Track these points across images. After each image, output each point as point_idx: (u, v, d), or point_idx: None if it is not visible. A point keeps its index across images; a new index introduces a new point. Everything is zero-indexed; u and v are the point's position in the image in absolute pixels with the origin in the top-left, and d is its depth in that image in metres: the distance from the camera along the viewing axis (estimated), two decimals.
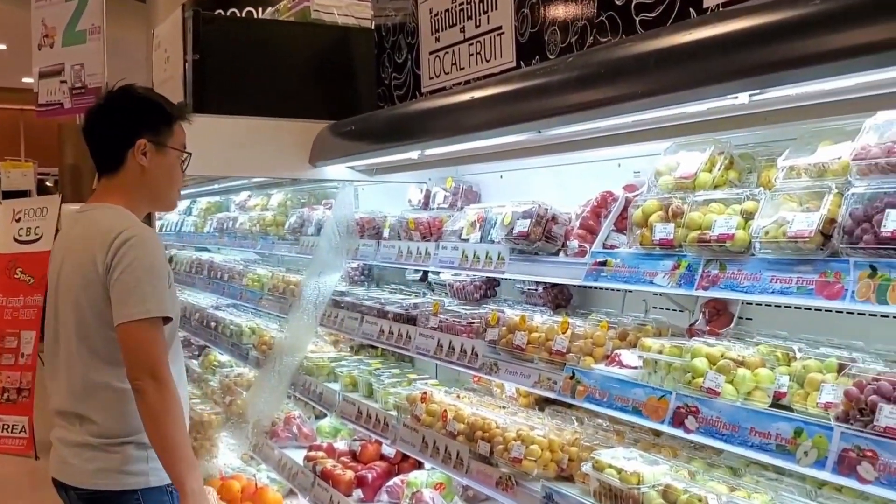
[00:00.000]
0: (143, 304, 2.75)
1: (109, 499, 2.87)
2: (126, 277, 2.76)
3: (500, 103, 2.98)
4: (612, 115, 2.68)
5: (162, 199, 3.11)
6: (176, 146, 3.02)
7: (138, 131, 2.95)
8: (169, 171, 3.02)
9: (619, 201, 3.11)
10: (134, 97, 3.03)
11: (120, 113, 3.00)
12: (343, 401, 4.49)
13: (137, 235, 2.81)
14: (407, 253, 4.18)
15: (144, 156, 2.95)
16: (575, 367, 2.91)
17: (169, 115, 3.02)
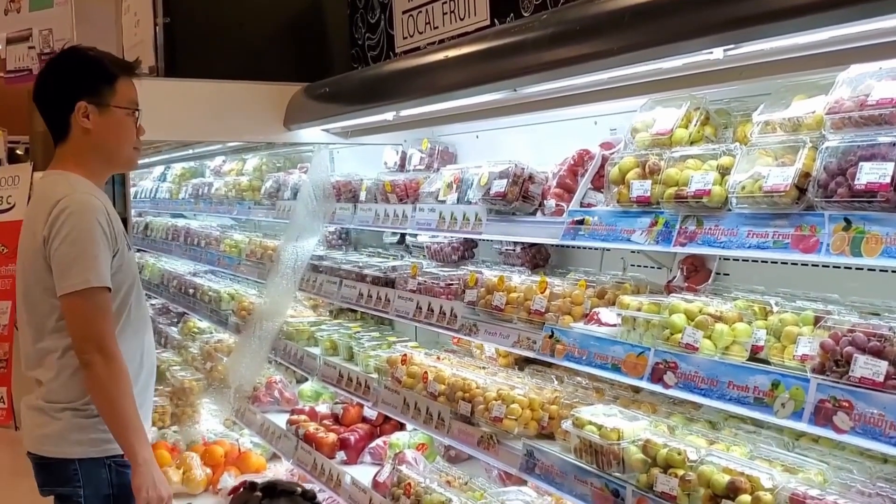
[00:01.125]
0: (82, 274, 2.72)
1: (50, 466, 2.90)
2: (64, 248, 2.74)
3: (474, 62, 2.96)
4: (588, 72, 2.67)
5: (116, 159, 3.03)
6: (121, 104, 2.94)
7: (77, 94, 2.88)
8: (116, 131, 2.94)
9: (596, 159, 3.10)
10: (69, 60, 2.97)
11: (57, 78, 2.94)
12: (324, 365, 4.49)
13: (74, 205, 2.76)
14: (384, 216, 4.16)
15: (87, 118, 2.89)
16: (554, 327, 2.92)
17: (109, 73, 2.93)
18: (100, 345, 2.74)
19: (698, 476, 2.28)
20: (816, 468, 2.26)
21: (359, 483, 3.93)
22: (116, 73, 2.94)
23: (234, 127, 4.51)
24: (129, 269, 2.93)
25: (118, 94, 2.94)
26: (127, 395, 2.77)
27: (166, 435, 5.57)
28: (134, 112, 2.97)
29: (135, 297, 2.97)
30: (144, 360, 3.01)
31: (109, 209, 2.90)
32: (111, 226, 2.83)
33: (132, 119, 2.97)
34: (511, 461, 3.01)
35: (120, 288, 2.88)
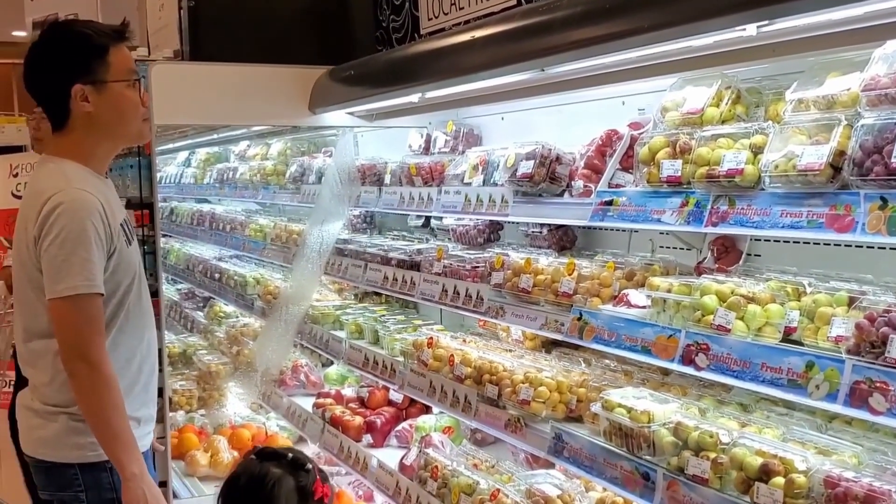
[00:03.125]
0: (70, 279, 2.55)
1: (48, 470, 2.77)
2: (53, 250, 2.56)
3: (502, 42, 2.93)
4: (618, 51, 2.62)
5: (124, 136, 2.84)
6: (119, 77, 2.70)
7: (69, 78, 2.67)
8: (120, 107, 2.73)
9: (625, 139, 3.07)
10: (54, 41, 2.73)
11: (45, 64, 2.71)
12: (350, 348, 4.49)
13: (66, 202, 2.58)
14: (409, 199, 4.15)
15: (87, 101, 2.68)
16: (582, 309, 2.90)
17: (98, 46, 2.68)
18: (85, 354, 2.57)
19: (730, 458, 2.25)
20: (851, 450, 2.23)
21: (385, 466, 3.93)
22: (106, 43, 2.69)
23: (259, 111, 4.50)
24: (127, 267, 2.75)
25: (113, 66, 2.70)
26: (114, 406, 2.61)
27: (194, 419, 5.60)
28: (135, 81, 2.75)
29: (134, 294, 2.79)
30: (147, 357, 2.88)
31: (108, 203, 2.71)
32: (107, 224, 2.64)
33: (134, 89, 2.75)
34: (539, 444, 3.00)
35: (118, 287, 2.72)
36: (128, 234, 2.78)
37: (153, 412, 2.96)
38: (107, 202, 2.69)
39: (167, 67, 4.49)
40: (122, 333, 2.76)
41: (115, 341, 2.74)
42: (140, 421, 2.83)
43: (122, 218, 2.78)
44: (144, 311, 2.88)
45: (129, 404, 2.73)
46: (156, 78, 4.23)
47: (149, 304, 2.94)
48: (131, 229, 2.85)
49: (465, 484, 3.30)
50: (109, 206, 2.70)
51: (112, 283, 2.69)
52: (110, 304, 2.71)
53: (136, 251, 2.85)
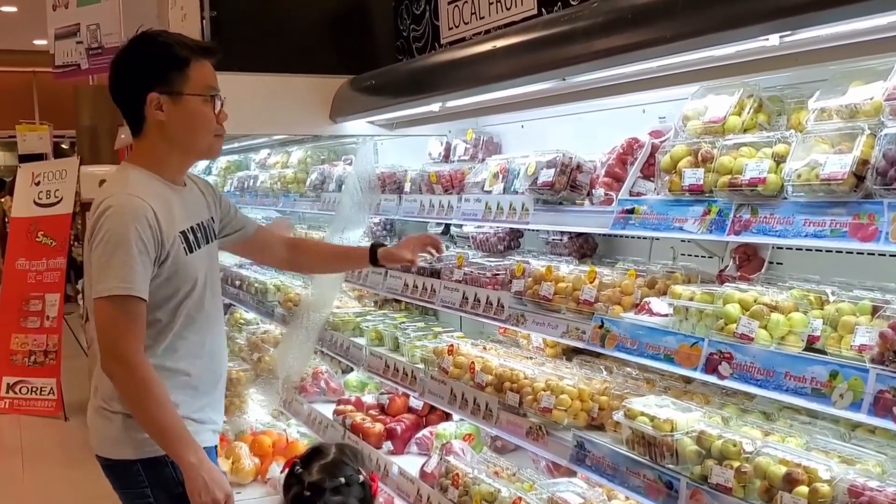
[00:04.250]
0: (108, 280, 2.58)
1: (113, 468, 2.82)
2: (98, 252, 2.61)
3: (523, 51, 2.95)
4: (640, 60, 2.64)
5: (194, 149, 2.85)
6: (195, 91, 2.74)
7: (148, 85, 2.71)
8: (192, 120, 2.76)
9: (645, 148, 3.08)
10: (137, 49, 2.77)
11: (125, 70, 2.77)
12: (370, 355, 4.51)
13: (115, 206, 2.62)
14: (429, 206, 4.17)
15: (160, 110, 2.72)
16: (604, 317, 2.91)
17: (179, 59, 2.72)
18: (119, 355, 2.59)
19: (754, 467, 2.26)
20: (875, 459, 2.23)
21: (406, 473, 3.95)
22: (188, 56, 2.73)
23: (281, 120, 4.54)
24: (186, 274, 2.75)
25: (191, 80, 2.74)
26: (156, 402, 2.62)
27: None
28: (211, 97, 2.78)
29: (194, 301, 2.80)
30: (209, 363, 2.90)
31: (168, 209, 2.72)
32: (156, 230, 2.65)
33: (209, 105, 2.78)
34: (561, 452, 3.01)
35: (175, 293, 2.74)
36: (191, 242, 2.78)
37: (217, 417, 2.97)
38: (164, 209, 2.71)
39: None
40: (180, 339, 2.79)
41: (174, 346, 2.77)
42: (202, 423, 2.86)
43: (185, 226, 2.79)
44: (208, 319, 2.88)
45: (189, 406, 2.78)
46: None
47: (215, 312, 2.94)
48: (200, 237, 2.85)
49: (487, 492, 3.31)
50: (169, 212, 2.72)
51: (168, 289, 2.72)
52: (165, 309, 2.74)
53: (200, 259, 2.83)
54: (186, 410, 2.78)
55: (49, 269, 9.27)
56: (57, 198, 9.42)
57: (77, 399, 8.79)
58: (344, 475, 2.60)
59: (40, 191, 9.46)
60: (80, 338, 9.70)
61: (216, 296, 2.96)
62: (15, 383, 8.92)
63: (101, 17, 5.63)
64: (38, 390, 8.95)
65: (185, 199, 2.87)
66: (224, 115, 2.85)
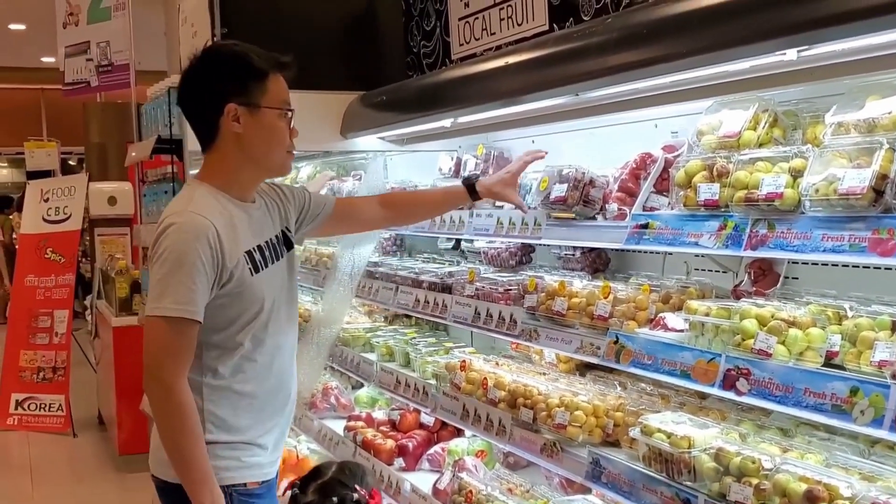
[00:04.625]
0: (162, 300, 2.49)
1: (164, 490, 2.73)
2: (155, 269, 2.54)
3: (537, 67, 2.95)
4: (655, 76, 2.63)
5: (268, 165, 2.72)
6: (273, 104, 2.64)
7: (225, 96, 2.59)
8: (268, 133, 2.65)
9: (659, 163, 3.07)
10: (215, 58, 2.68)
11: (202, 80, 2.65)
12: (381, 370, 4.50)
13: (177, 224, 2.54)
14: (440, 221, 4.16)
15: (238, 122, 2.60)
16: (618, 332, 2.90)
17: (259, 70, 2.63)
18: (159, 375, 2.52)
19: (774, 485, 2.24)
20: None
21: (419, 490, 3.93)
22: (266, 68, 2.65)
23: None
24: (251, 296, 2.63)
25: (270, 92, 2.65)
26: (187, 432, 2.52)
27: None
28: (286, 113, 2.70)
29: (261, 323, 2.67)
30: (277, 385, 2.78)
31: (232, 229, 2.60)
32: (217, 250, 2.54)
33: (285, 120, 2.69)
34: (576, 469, 2.99)
35: (238, 317, 2.63)
36: (257, 261, 2.67)
37: (281, 443, 2.87)
38: (228, 228, 2.60)
39: None
40: (249, 361, 2.68)
41: (241, 367, 2.68)
42: (266, 448, 2.77)
43: (252, 245, 2.67)
44: (277, 340, 2.75)
45: (255, 431, 2.71)
46: None
47: (286, 331, 2.82)
48: (268, 255, 2.73)
49: None
50: (233, 232, 2.61)
51: (232, 311, 2.62)
52: (229, 331, 2.63)
53: (268, 279, 2.70)
54: (252, 435, 2.70)
55: (58, 285, 9.28)
56: (66, 214, 9.43)
57: (85, 415, 8.90)
58: (337, 495, 2.58)
59: (49, 207, 9.48)
60: (88, 354, 9.68)
61: (290, 314, 2.84)
62: (24, 400, 8.91)
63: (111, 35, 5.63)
64: (46, 407, 8.94)
65: (252, 216, 2.74)
66: (295, 132, 2.77)
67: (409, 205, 3.53)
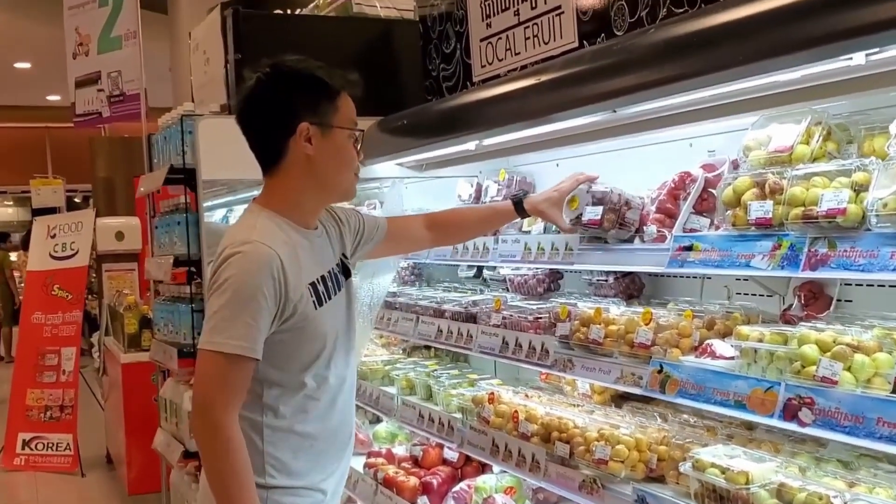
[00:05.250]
0: (220, 334, 2.34)
1: None
2: (214, 299, 2.38)
3: (572, 83, 2.82)
4: (700, 88, 2.48)
5: (335, 188, 2.58)
6: (344, 124, 2.52)
7: (297, 114, 2.46)
8: (339, 156, 2.52)
9: (699, 182, 2.93)
10: (285, 74, 2.53)
11: (273, 97, 2.50)
12: (402, 405, 4.34)
13: (241, 253, 2.37)
14: (462, 249, 4.02)
15: (309, 143, 2.47)
16: (662, 361, 2.74)
17: (330, 88, 2.51)
18: (208, 412, 2.37)
19: None
20: None
21: None
22: (339, 87, 2.54)
23: None
24: (315, 331, 2.49)
25: (341, 112, 2.53)
26: (233, 472, 2.37)
27: None
28: (356, 133, 2.58)
29: (325, 360, 2.54)
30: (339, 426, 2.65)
31: (296, 259, 2.45)
32: (280, 283, 2.39)
33: (352, 141, 2.57)
34: None
35: (301, 354, 2.49)
36: (321, 293, 2.52)
37: (340, 484, 2.74)
38: (293, 258, 2.45)
39: (214, 122, 4.42)
40: (312, 400, 2.55)
41: (304, 407, 2.54)
42: (326, 492, 2.63)
43: (315, 276, 2.53)
44: (340, 377, 2.61)
45: (316, 475, 2.57)
46: (203, 132, 4.14)
47: (348, 367, 2.67)
48: (331, 286, 2.58)
49: None
50: (297, 263, 2.47)
51: (294, 347, 2.49)
52: (292, 369, 2.50)
53: (331, 312, 2.56)
54: (313, 480, 2.56)
55: (65, 322, 9.18)
56: (73, 250, 9.35)
57: (93, 454, 8.76)
58: None
59: (56, 244, 9.40)
60: (96, 392, 9.55)
61: (349, 346, 2.68)
62: (31, 439, 8.76)
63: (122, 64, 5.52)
64: (54, 446, 8.82)
65: (314, 245, 2.60)
66: (362, 155, 2.66)
67: (457, 223, 3.41)
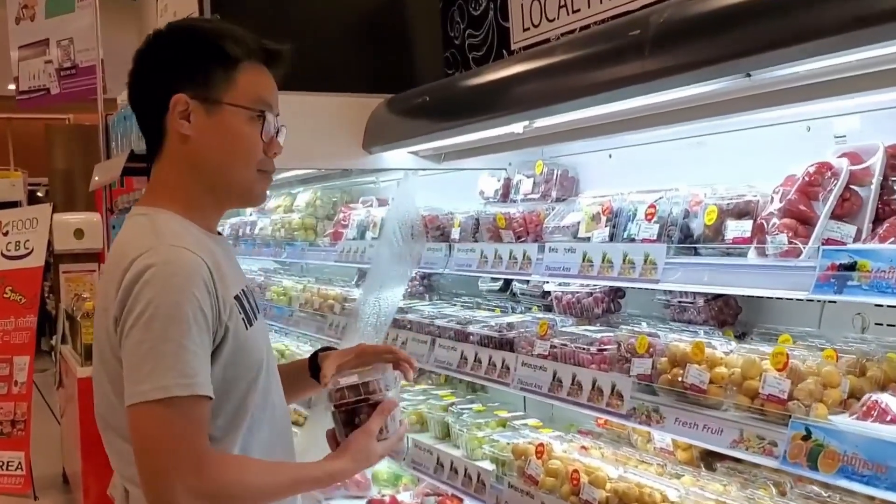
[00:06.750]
0: (158, 377, 1.77)
1: None
2: (136, 335, 1.79)
3: (692, 37, 2.04)
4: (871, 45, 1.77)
5: (225, 184, 2.01)
6: (240, 102, 1.96)
7: (173, 84, 1.94)
8: (228, 140, 1.96)
9: (842, 177, 2.18)
10: (171, 35, 2.01)
11: (150, 62, 2.00)
12: (414, 447, 3.56)
13: (157, 265, 1.81)
14: (495, 258, 3.26)
15: (187, 120, 1.94)
16: (809, 422, 1.98)
17: (225, 54, 1.95)
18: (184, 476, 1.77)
19: None
20: None
21: None
22: (238, 54, 1.97)
23: (299, 151, 3.59)
24: (248, 356, 1.95)
25: (238, 86, 1.96)
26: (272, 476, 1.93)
27: None
28: (260, 115, 1.99)
29: (260, 393, 2.00)
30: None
31: (218, 267, 1.92)
32: (214, 296, 1.86)
33: (257, 125, 1.98)
34: None
35: (235, 386, 1.94)
36: (248, 310, 1.98)
37: None
38: (216, 266, 1.90)
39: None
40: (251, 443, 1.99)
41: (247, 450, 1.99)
42: None
43: (238, 289, 1.98)
44: (276, 411, 2.08)
45: None
46: None
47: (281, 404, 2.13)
48: (254, 304, 2.06)
49: None
50: (220, 270, 1.91)
51: (227, 379, 1.92)
52: (225, 410, 1.93)
53: (260, 333, 2.05)
54: None
55: (18, 328, 8.43)
56: (27, 249, 8.59)
57: (48, 473, 8.05)
58: None
59: (9, 241, 8.62)
60: (52, 404, 8.78)
61: (276, 384, 2.12)
62: None
63: (74, 31, 4.68)
64: (4, 465, 8.06)
65: (227, 252, 2.08)
66: (277, 146, 2.04)
67: None
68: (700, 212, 2.41)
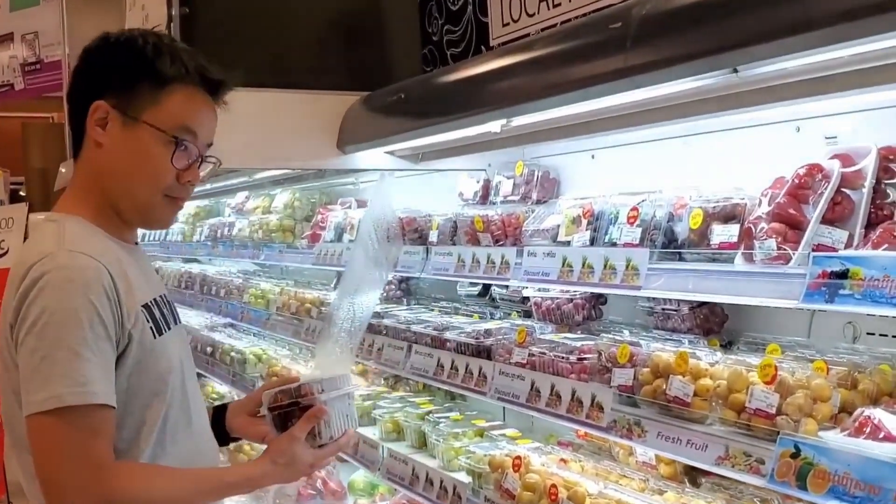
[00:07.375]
0: (50, 386, 1.74)
1: None
2: (31, 342, 1.76)
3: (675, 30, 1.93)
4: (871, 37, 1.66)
5: (127, 197, 1.98)
6: (157, 123, 1.93)
7: (96, 89, 1.94)
8: (138, 158, 1.94)
9: (833, 179, 2.07)
10: (108, 42, 2.00)
11: (83, 67, 2.02)
12: (389, 457, 3.44)
13: (51, 271, 1.79)
14: (472, 262, 3.15)
15: (102, 127, 1.94)
16: (798, 439, 1.87)
17: (156, 71, 1.93)
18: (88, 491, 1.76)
19: None
20: None
21: None
22: (170, 76, 1.94)
23: (271, 151, 3.48)
24: (156, 367, 1.92)
25: (163, 108, 1.93)
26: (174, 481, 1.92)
27: None
28: (176, 141, 1.95)
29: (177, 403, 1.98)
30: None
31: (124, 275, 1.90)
32: (115, 302, 1.83)
33: (168, 150, 1.95)
34: None
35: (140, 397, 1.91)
36: (157, 319, 1.98)
37: None
38: (121, 274, 1.90)
39: None
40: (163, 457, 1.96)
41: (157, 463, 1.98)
42: None
43: (148, 298, 1.98)
44: (192, 426, 2.05)
45: None
46: None
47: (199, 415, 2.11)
48: (167, 313, 2.05)
49: None
50: (126, 279, 1.90)
51: (133, 389, 1.90)
52: (130, 420, 1.90)
53: (173, 342, 2.03)
54: None
55: None
56: (2, 250, 8.36)
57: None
58: None
59: None
60: None
61: (194, 394, 2.10)
62: None
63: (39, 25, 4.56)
64: None
65: (140, 261, 2.06)
66: (192, 175, 2.01)
67: None
68: (685, 215, 2.30)
